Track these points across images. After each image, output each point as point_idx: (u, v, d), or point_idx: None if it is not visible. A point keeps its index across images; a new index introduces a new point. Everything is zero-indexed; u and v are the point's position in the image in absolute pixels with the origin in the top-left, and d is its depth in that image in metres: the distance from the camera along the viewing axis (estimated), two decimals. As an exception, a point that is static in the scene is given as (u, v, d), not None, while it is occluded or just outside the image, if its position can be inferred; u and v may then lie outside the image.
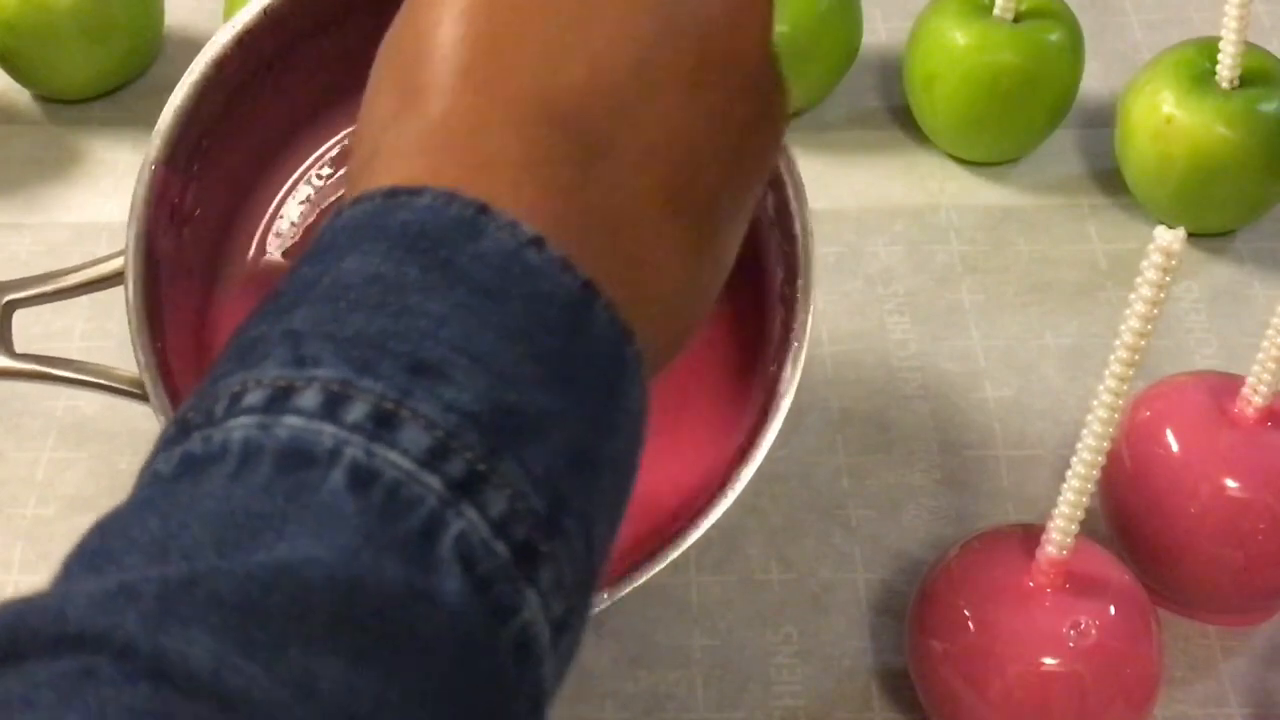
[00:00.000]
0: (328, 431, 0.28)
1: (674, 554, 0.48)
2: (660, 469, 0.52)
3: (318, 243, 0.32)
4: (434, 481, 0.28)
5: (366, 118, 0.35)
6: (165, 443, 0.30)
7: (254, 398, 0.29)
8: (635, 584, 0.48)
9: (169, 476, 0.29)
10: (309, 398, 0.29)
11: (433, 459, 0.28)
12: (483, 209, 0.31)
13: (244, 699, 0.25)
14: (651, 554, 0.49)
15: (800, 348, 0.49)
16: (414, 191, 0.32)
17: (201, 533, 0.27)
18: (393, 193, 0.32)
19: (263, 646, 0.26)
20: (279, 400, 0.29)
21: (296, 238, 0.56)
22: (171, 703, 0.25)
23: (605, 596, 0.49)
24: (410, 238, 0.31)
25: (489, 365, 0.30)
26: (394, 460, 0.28)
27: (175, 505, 0.28)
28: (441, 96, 0.33)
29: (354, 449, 0.28)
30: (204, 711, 0.25)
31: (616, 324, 0.32)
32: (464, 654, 0.28)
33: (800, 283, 0.50)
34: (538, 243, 0.31)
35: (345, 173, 0.34)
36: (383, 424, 0.28)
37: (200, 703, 0.25)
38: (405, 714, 0.27)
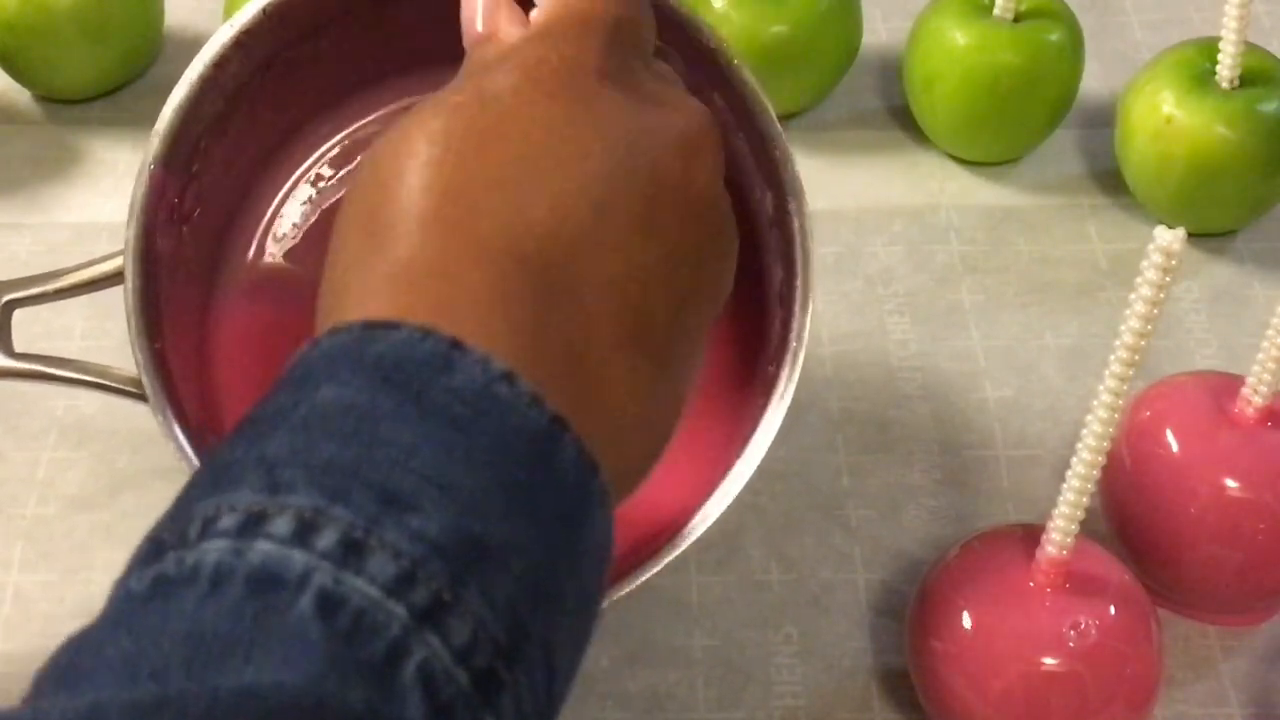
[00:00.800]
0: (298, 557, 0.29)
1: (673, 555, 0.48)
2: (660, 469, 0.52)
3: (293, 370, 0.33)
4: (399, 609, 0.29)
5: (333, 259, 0.36)
6: (139, 561, 0.31)
7: (228, 522, 0.30)
8: (634, 585, 0.48)
9: (142, 596, 0.30)
10: (282, 524, 0.29)
11: (399, 587, 0.29)
12: (455, 344, 0.32)
13: None
14: (651, 555, 0.49)
15: (799, 348, 0.49)
16: (390, 326, 0.33)
17: (172, 653, 0.28)
18: (369, 326, 0.33)
19: None
20: (252, 525, 0.30)
21: (296, 239, 0.56)
22: None
23: (610, 594, 0.49)
24: (385, 370, 0.32)
25: (456, 496, 0.31)
26: (361, 587, 0.29)
27: (147, 625, 0.29)
28: (409, 238, 0.34)
29: (323, 575, 0.29)
30: None
31: (583, 457, 0.33)
32: None
33: (799, 283, 0.50)
34: (508, 377, 0.32)
35: (316, 309, 0.36)
36: (352, 551, 0.29)
37: None
38: None
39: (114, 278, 0.50)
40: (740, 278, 0.53)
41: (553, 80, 0.37)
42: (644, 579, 0.48)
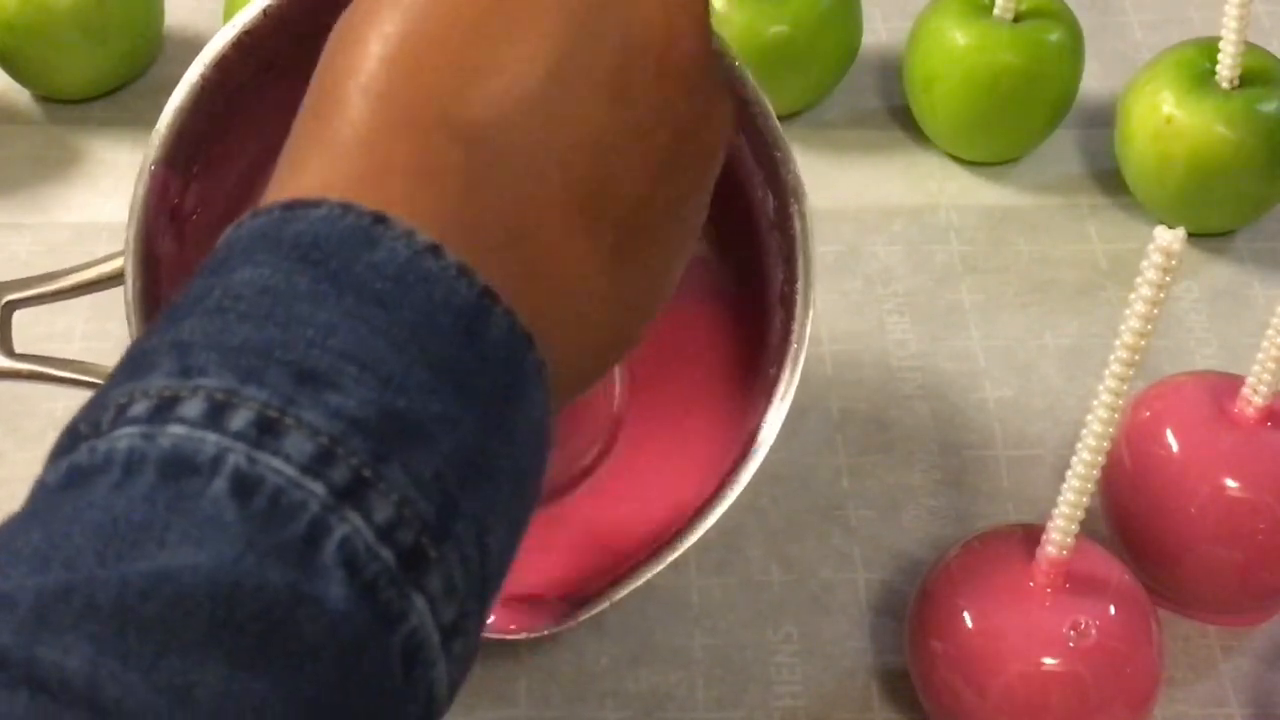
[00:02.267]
0: (210, 439, 0.28)
1: (673, 556, 0.48)
2: (661, 470, 0.53)
3: (213, 256, 0.33)
4: (317, 488, 0.28)
5: (290, 133, 0.36)
6: (55, 454, 0.30)
7: (139, 408, 0.29)
8: (635, 585, 0.48)
9: (55, 487, 0.29)
10: (193, 406, 0.29)
11: (316, 465, 0.29)
12: (379, 219, 0.31)
13: (119, 707, 0.25)
14: (651, 555, 0.49)
15: (800, 350, 0.49)
16: (311, 204, 0.32)
17: (83, 542, 0.27)
18: (289, 205, 0.32)
19: (140, 654, 0.26)
20: (163, 410, 0.29)
21: None
22: (47, 712, 0.25)
23: (606, 598, 0.49)
24: (303, 249, 0.31)
25: (377, 372, 0.30)
26: (277, 467, 0.28)
27: (59, 516, 0.28)
28: (345, 109, 0.34)
29: (236, 456, 0.28)
30: (79, 719, 0.25)
31: (516, 330, 0.32)
32: (350, 658, 0.28)
33: (800, 285, 0.50)
34: (434, 250, 0.31)
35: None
36: (266, 431, 0.29)
37: (77, 711, 0.25)
38: (289, 718, 0.27)
39: (114, 278, 0.50)
40: (741, 278, 0.53)
41: None
42: (645, 579, 0.48)
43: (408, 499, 0.29)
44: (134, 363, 0.31)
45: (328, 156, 0.33)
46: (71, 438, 0.30)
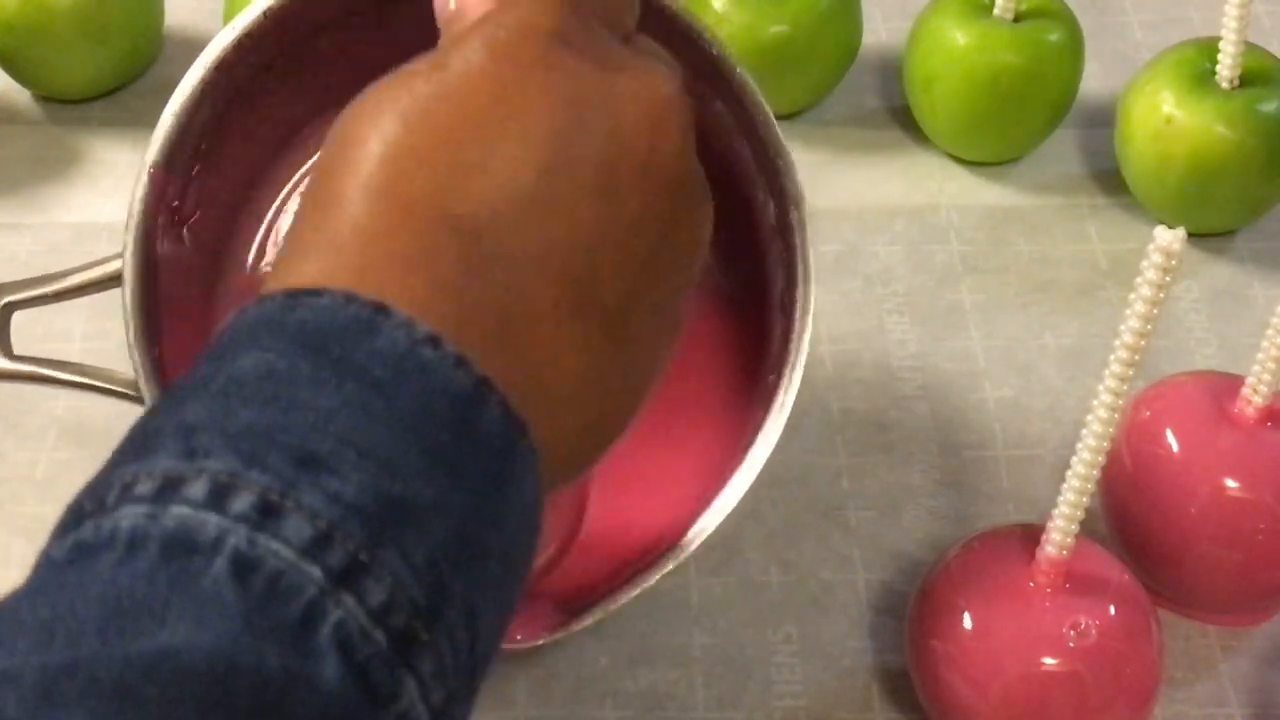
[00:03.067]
0: (213, 521, 0.29)
1: (673, 564, 0.48)
2: (661, 477, 0.53)
3: (218, 341, 0.34)
4: (314, 571, 0.29)
5: (298, 216, 0.36)
6: (61, 529, 0.31)
7: (144, 487, 0.30)
8: (634, 593, 0.48)
9: (60, 563, 0.30)
10: (197, 488, 0.30)
11: (314, 549, 0.29)
12: (380, 308, 0.32)
13: None
14: (651, 563, 0.49)
15: (798, 359, 0.49)
16: (314, 292, 0.33)
17: (87, 617, 0.28)
18: (293, 294, 0.33)
19: None
20: (168, 490, 0.30)
21: None
22: None
23: (604, 607, 0.49)
24: (306, 335, 0.32)
25: (375, 457, 0.31)
26: (276, 550, 0.29)
27: (64, 591, 0.29)
28: (346, 205, 0.35)
29: (237, 538, 0.29)
30: None
31: (508, 418, 0.33)
32: None
33: (799, 293, 0.50)
34: (433, 340, 0.32)
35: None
36: (267, 514, 0.29)
37: None
38: None
39: (113, 280, 0.50)
40: (743, 284, 0.53)
41: (505, 46, 0.36)
42: (644, 587, 0.48)
43: (401, 583, 0.30)
44: (139, 442, 0.32)
45: (330, 248, 0.34)
46: (76, 515, 0.31)
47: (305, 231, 0.35)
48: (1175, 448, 0.53)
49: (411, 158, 0.35)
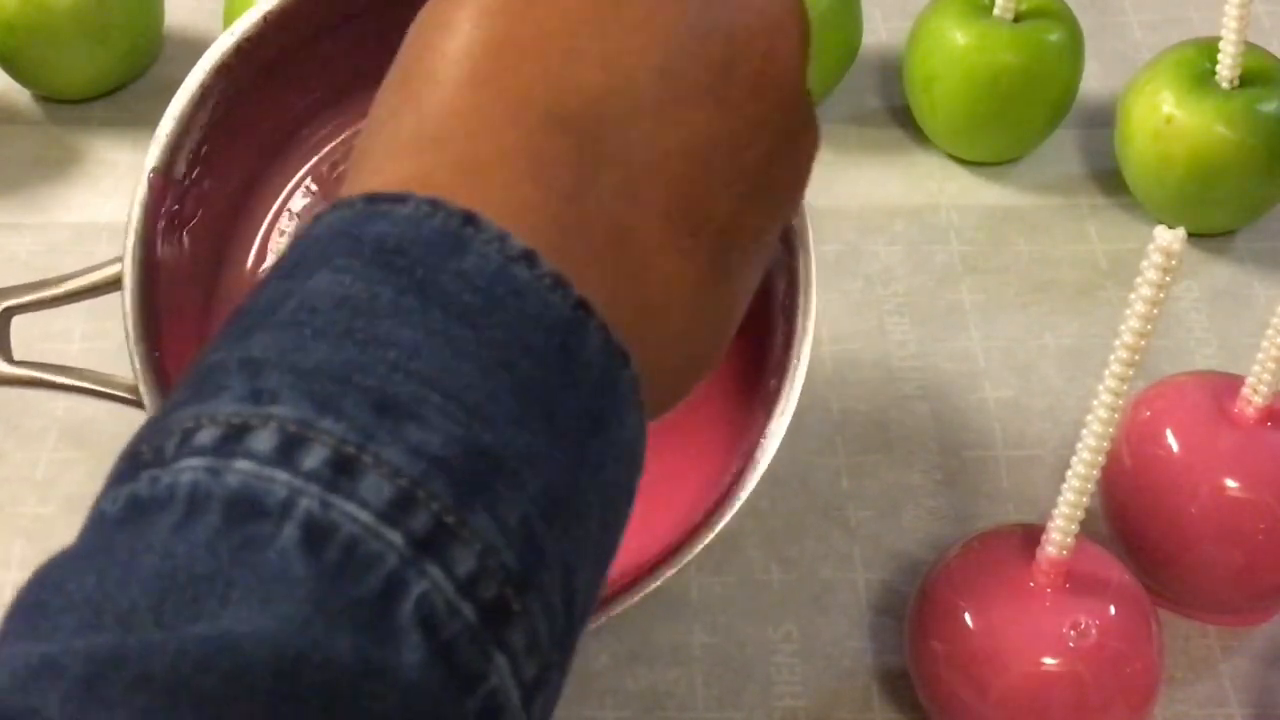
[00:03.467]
0: (281, 479, 0.26)
1: (672, 571, 0.48)
2: (661, 481, 0.52)
3: (289, 253, 0.30)
4: (395, 537, 0.26)
5: (371, 117, 0.33)
6: (115, 479, 0.28)
7: (206, 436, 0.27)
8: (633, 600, 0.48)
9: (114, 520, 0.27)
10: (264, 439, 0.27)
11: (395, 512, 0.26)
12: (469, 219, 0.29)
13: None
14: (651, 568, 0.48)
15: (800, 365, 0.49)
16: (396, 199, 0.30)
17: (139, 594, 0.25)
18: (373, 199, 0.30)
19: None
20: (232, 440, 0.27)
21: None
22: None
23: (604, 612, 0.49)
24: (386, 254, 0.29)
25: (463, 401, 0.28)
26: (352, 513, 0.26)
27: (115, 558, 0.26)
28: (441, 91, 0.31)
29: (309, 500, 0.26)
30: None
31: (610, 346, 0.30)
32: None
33: (800, 299, 0.50)
34: (529, 257, 0.29)
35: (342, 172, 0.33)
36: (342, 471, 0.26)
37: None
38: None
39: (113, 284, 0.50)
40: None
41: None
42: (643, 594, 0.48)
43: (492, 548, 0.27)
44: (201, 379, 0.29)
45: (423, 143, 0.31)
46: (132, 462, 0.28)
47: (389, 125, 0.32)
48: (1175, 448, 0.53)
49: (515, 46, 0.31)
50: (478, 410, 0.28)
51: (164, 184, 0.50)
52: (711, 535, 0.48)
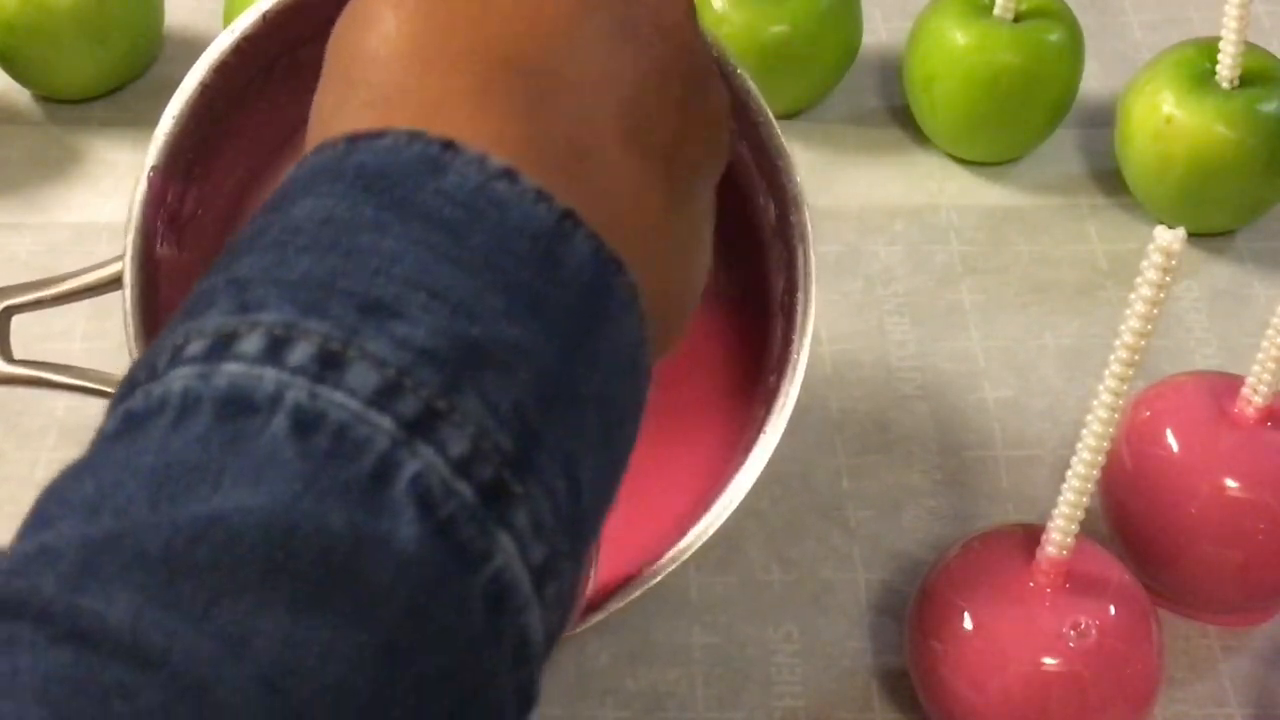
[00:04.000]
0: (269, 375, 0.27)
1: (672, 567, 0.48)
2: (660, 478, 0.53)
3: (276, 192, 0.31)
4: (384, 421, 0.27)
5: (314, 112, 0.35)
6: (113, 403, 0.29)
7: (195, 347, 0.28)
8: (632, 597, 0.48)
9: (111, 435, 0.28)
10: (251, 342, 0.28)
11: (383, 398, 0.27)
12: (448, 145, 0.30)
13: (166, 656, 0.24)
14: (648, 566, 0.49)
15: (799, 361, 0.49)
16: (375, 134, 0.31)
17: (135, 488, 0.26)
18: (353, 137, 0.31)
19: (189, 601, 0.25)
20: (220, 347, 0.28)
21: None
22: (90, 665, 0.24)
23: (603, 609, 0.49)
24: (367, 178, 0.30)
25: (447, 299, 0.28)
26: (340, 401, 0.27)
27: (111, 462, 0.27)
28: (388, 68, 0.33)
29: (296, 392, 0.27)
30: (123, 672, 0.24)
31: (600, 252, 0.31)
32: (425, 600, 0.26)
33: (800, 295, 0.50)
34: (509, 174, 0.30)
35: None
36: (328, 365, 0.27)
37: (119, 663, 0.24)
38: (357, 666, 0.25)
39: (113, 283, 0.50)
40: (743, 285, 0.53)
41: None
42: (643, 590, 0.48)
43: (485, 430, 0.27)
44: (192, 305, 0.30)
45: (381, 103, 0.32)
46: (129, 385, 0.29)
47: (338, 106, 0.33)
48: (1175, 448, 0.53)
49: (441, 15, 0.33)
50: (462, 306, 0.28)
51: (164, 182, 0.50)
52: (713, 531, 0.48)
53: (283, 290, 0.28)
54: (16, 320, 0.52)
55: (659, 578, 0.48)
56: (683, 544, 0.48)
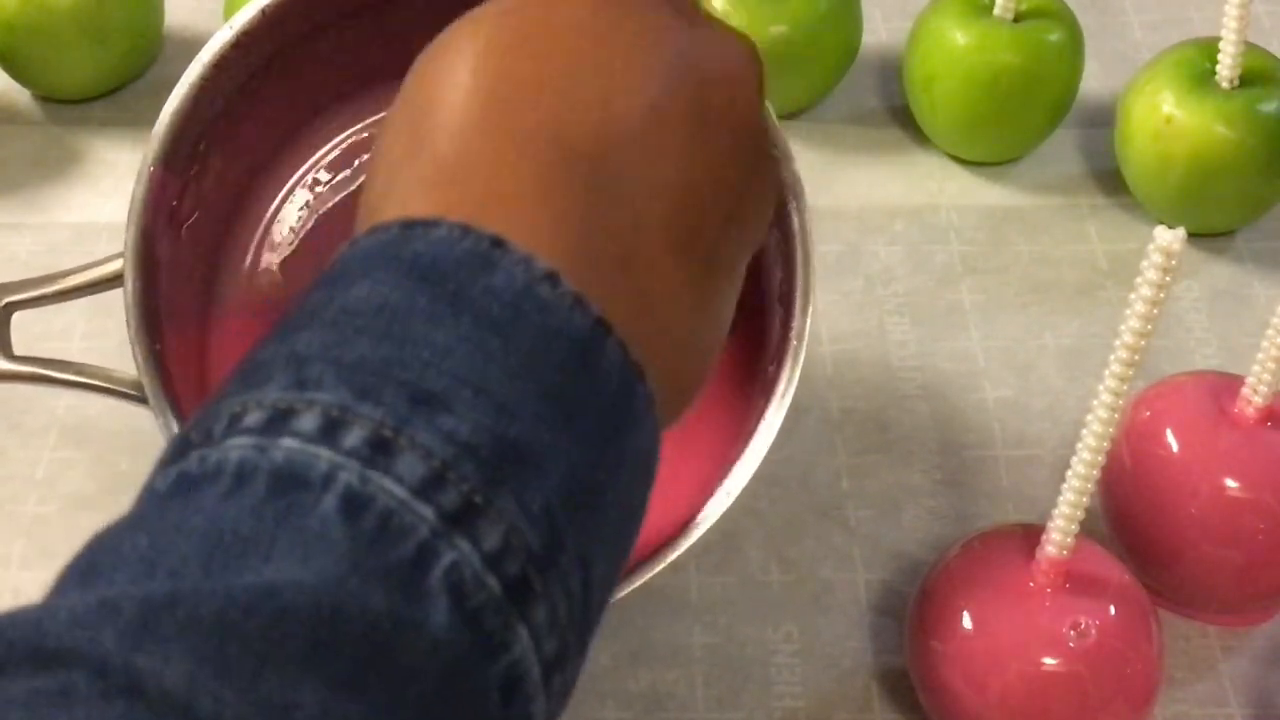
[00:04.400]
0: (324, 455, 0.28)
1: (671, 557, 0.48)
2: (663, 468, 0.52)
3: (331, 269, 0.33)
4: (427, 511, 0.28)
5: (378, 160, 0.36)
6: (165, 460, 0.30)
7: (253, 419, 0.29)
8: (633, 587, 0.48)
9: (164, 494, 0.29)
10: (308, 421, 0.29)
11: (427, 489, 0.28)
12: (497, 243, 0.31)
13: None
14: (649, 557, 0.48)
15: (799, 349, 0.49)
16: (429, 224, 0.32)
17: (189, 551, 0.27)
18: (408, 224, 0.32)
19: (238, 670, 0.26)
20: (277, 422, 0.29)
21: (294, 244, 0.56)
22: None
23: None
24: (422, 269, 0.31)
25: (492, 398, 0.30)
26: (388, 488, 0.28)
27: (166, 523, 0.28)
28: (455, 137, 0.34)
29: (349, 474, 0.28)
30: None
31: (627, 362, 0.32)
32: (449, 685, 0.28)
33: (799, 283, 0.50)
34: (551, 278, 0.31)
35: (358, 208, 0.35)
36: (380, 450, 0.28)
37: None
38: None
39: (113, 280, 0.50)
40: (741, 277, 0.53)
41: None
42: (643, 581, 0.48)
43: (516, 528, 0.29)
44: (248, 373, 0.31)
45: (444, 178, 0.33)
46: (182, 445, 0.30)
47: (403, 163, 0.34)
48: (1175, 448, 0.53)
49: (519, 90, 0.34)
50: (505, 406, 0.30)
51: (163, 179, 0.50)
52: (712, 522, 0.48)
53: (340, 371, 0.30)
54: (17, 318, 0.52)
55: (658, 569, 0.48)
56: (683, 535, 0.48)
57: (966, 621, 0.49)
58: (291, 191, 0.56)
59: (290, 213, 0.56)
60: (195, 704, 0.25)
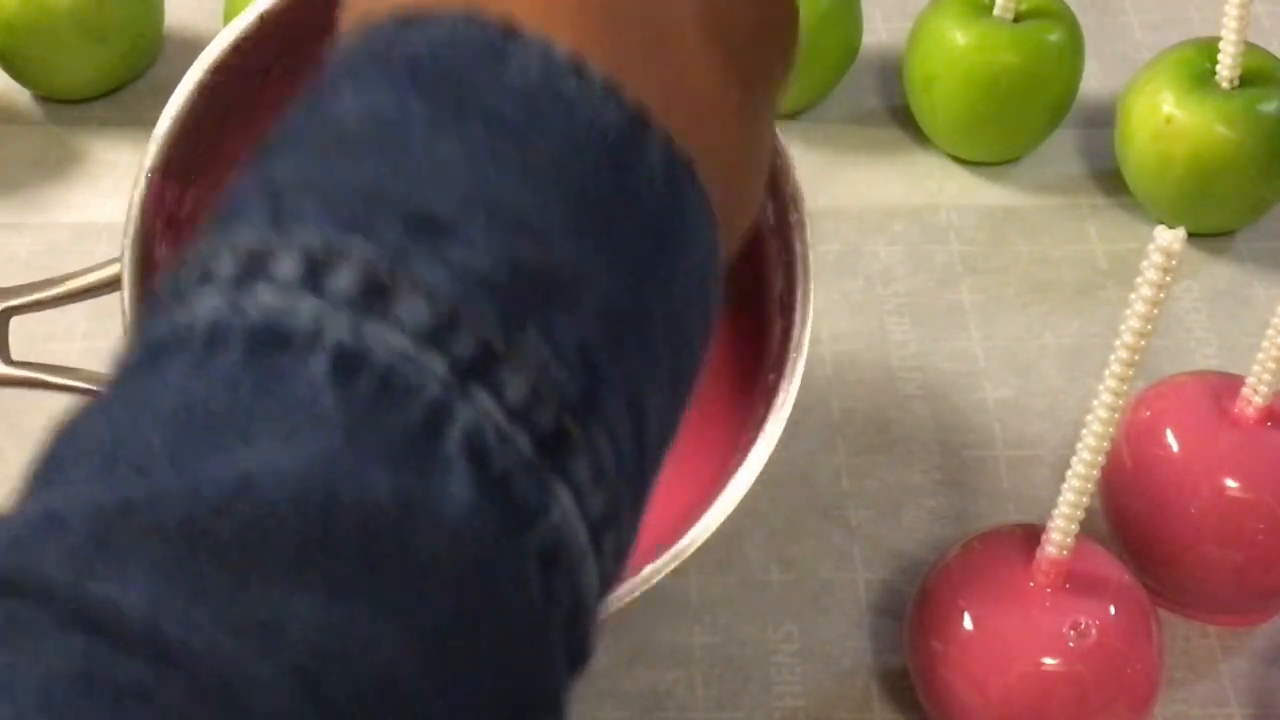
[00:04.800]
0: (306, 306, 0.24)
1: (672, 566, 0.48)
2: (663, 475, 0.52)
3: (315, 82, 0.28)
4: (436, 363, 0.24)
5: None
6: (138, 319, 0.27)
7: (225, 266, 0.25)
8: (632, 596, 0.48)
9: (129, 366, 0.25)
10: (286, 265, 0.24)
11: (436, 335, 0.24)
12: (508, 30, 0.26)
13: (186, 649, 0.21)
14: (651, 563, 0.48)
15: (798, 358, 0.49)
16: (428, 16, 0.27)
17: (155, 438, 0.23)
18: (403, 19, 0.27)
19: (212, 585, 0.22)
20: (252, 269, 0.24)
21: None
22: (102, 660, 0.21)
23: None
24: (419, 70, 0.26)
25: (509, 216, 0.25)
26: (386, 339, 0.24)
27: (129, 404, 0.24)
28: None
29: (337, 327, 0.24)
30: (141, 670, 0.21)
31: (673, 157, 0.27)
32: (476, 575, 0.24)
33: (799, 293, 0.50)
34: (577, 68, 0.26)
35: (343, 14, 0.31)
36: (374, 294, 0.24)
37: (135, 658, 0.21)
38: (403, 652, 0.23)
39: (112, 284, 0.50)
40: (741, 283, 0.53)
41: None
42: (643, 590, 0.48)
43: (547, 371, 0.25)
44: (222, 210, 0.26)
45: None
46: (152, 305, 0.26)
47: None
48: (1175, 448, 0.53)
49: None
50: (525, 225, 0.25)
51: (162, 184, 0.50)
52: (712, 530, 0.48)
53: (323, 200, 0.25)
54: (16, 321, 0.52)
55: (658, 578, 0.48)
56: (682, 544, 0.48)
57: (967, 621, 0.49)
58: None
59: None
60: (161, 631, 0.21)
